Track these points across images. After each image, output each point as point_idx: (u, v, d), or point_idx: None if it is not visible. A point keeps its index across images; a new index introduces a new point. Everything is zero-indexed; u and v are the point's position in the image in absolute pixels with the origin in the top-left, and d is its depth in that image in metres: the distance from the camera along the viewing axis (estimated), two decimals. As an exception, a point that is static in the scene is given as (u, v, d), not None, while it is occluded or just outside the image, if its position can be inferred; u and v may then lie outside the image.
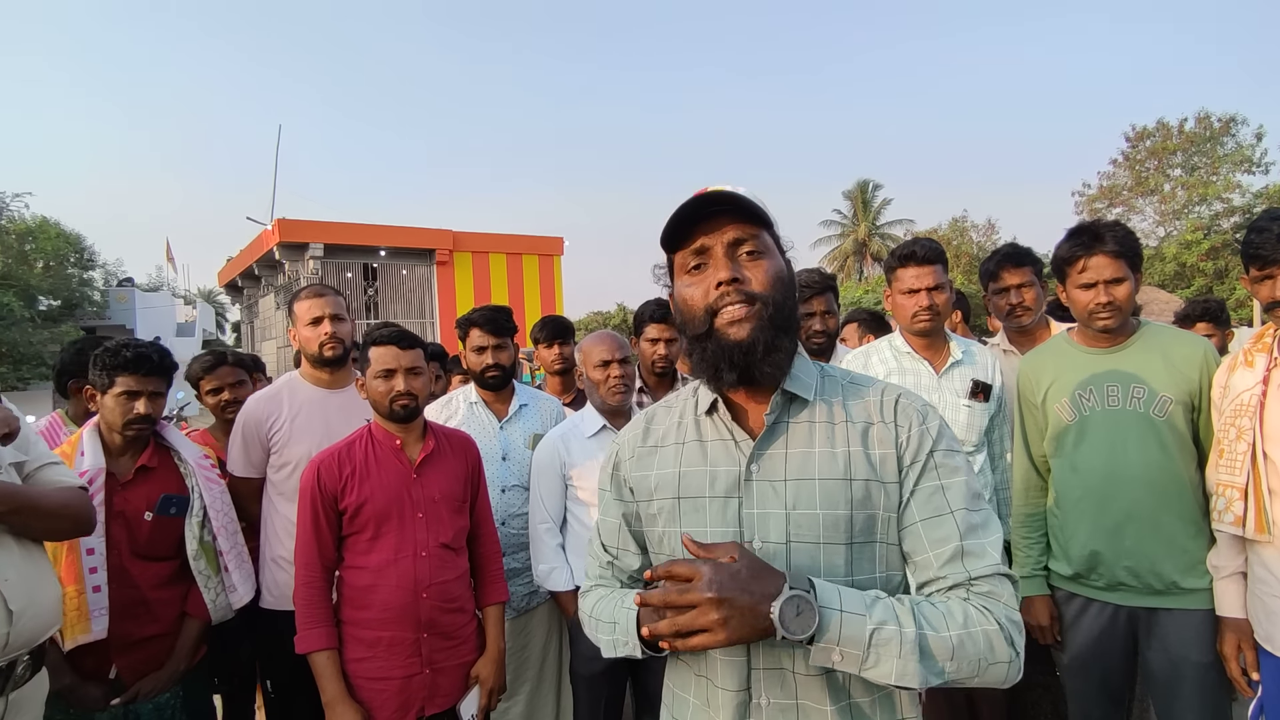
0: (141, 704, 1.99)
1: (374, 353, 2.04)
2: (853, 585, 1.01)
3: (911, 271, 2.32)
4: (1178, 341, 2.00)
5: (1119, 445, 1.95)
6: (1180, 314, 3.83)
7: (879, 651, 0.89)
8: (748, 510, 1.06)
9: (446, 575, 2.03)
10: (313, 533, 1.96)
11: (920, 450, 1.05)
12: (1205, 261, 20.33)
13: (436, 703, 1.99)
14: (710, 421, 1.14)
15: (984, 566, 1.00)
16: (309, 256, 21.45)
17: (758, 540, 1.04)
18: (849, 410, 1.09)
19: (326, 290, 2.55)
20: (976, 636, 0.94)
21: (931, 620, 0.94)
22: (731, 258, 1.05)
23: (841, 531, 1.02)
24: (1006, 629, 0.96)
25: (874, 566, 1.05)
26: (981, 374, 2.31)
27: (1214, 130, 22.37)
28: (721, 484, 1.08)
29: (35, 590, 1.58)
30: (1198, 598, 1.87)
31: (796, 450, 1.07)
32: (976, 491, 1.05)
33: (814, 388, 1.11)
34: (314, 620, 1.93)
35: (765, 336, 1.03)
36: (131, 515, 2.01)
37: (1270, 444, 1.71)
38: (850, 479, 1.04)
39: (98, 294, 26.87)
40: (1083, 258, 1.98)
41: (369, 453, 2.04)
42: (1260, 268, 1.73)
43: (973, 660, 0.93)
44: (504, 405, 2.74)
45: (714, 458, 1.11)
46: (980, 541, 1.02)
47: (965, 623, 0.95)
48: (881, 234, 37.49)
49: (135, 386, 2.02)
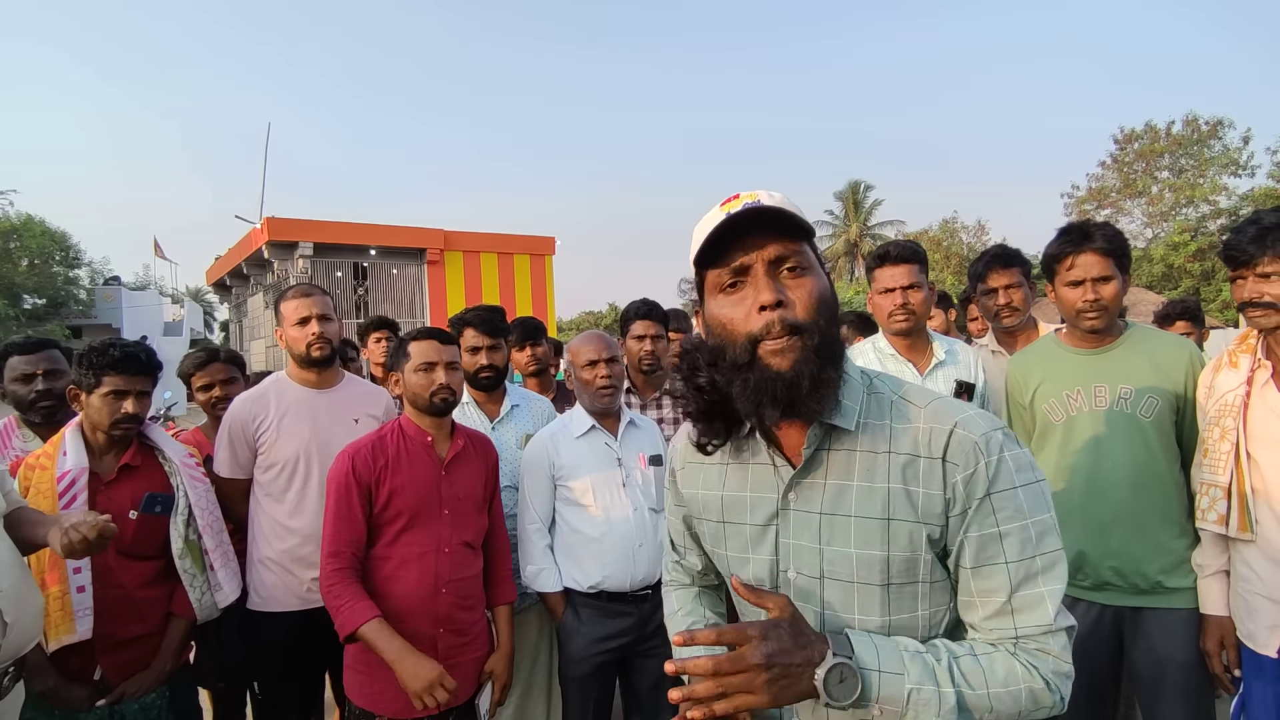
0: (127, 704, 1.97)
1: (414, 347, 2.10)
2: (890, 626, 0.98)
3: (887, 271, 2.34)
4: (1164, 344, 2.02)
5: (1106, 446, 1.96)
6: (1159, 314, 3.89)
7: (917, 711, 0.88)
8: (784, 540, 1.04)
9: (466, 573, 2.07)
10: (346, 522, 1.96)
11: (974, 494, 0.95)
12: (1192, 263, 20.55)
13: (452, 697, 1.98)
14: (753, 442, 1.08)
15: (1033, 625, 0.94)
16: (298, 255, 21.33)
17: (793, 570, 1.03)
18: (894, 438, 0.99)
19: (314, 290, 2.54)
20: (1018, 694, 0.92)
21: (970, 678, 0.91)
22: (774, 277, 0.96)
23: (877, 573, 0.97)
24: (1053, 683, 0.93)
25: (915, 605, 0.99)
26: (965, 374, 2.32)
27: (1202, 133, 22.63)
28: (761, 512, 1.06)
29: (24, 601, 1.57)
30: (1182, 597, 1.89)
31: (834, 482, 1.01)
32: (1043, 531, 0.95)
33: (857, 413, 1.01)
34: (352, 597, 1.92)
35: (811, 369, 0.94)
36: (116, 515, 1.97)
37: (1254, 444, 1.73)
38: (889, 518, 0.97)
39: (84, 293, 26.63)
40: (1071, 255, 2.00)
41: (400, 446, 2.07)
42: (1234, 268, 1.76)
43: (1011, 714, 0.92)
44: (496, 406, 2.74)
45: (755, 483, 1.08)
46: (1034, 592, 0.94)
47: (1006, 680, 0.92)
48: (873, 235, 37.65)
49: (123, 386, 2.00)
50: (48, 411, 2.41)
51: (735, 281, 0.98)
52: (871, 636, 0.93)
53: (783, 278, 0.97)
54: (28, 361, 2.42)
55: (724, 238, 0.97)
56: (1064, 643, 0.95)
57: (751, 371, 0.96)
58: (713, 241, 0.97)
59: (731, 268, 0.97)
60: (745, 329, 0.96)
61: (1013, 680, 0.92)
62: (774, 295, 0.94)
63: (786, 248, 0.96)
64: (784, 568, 1.04)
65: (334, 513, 1.98)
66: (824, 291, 0.98)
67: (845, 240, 38.00)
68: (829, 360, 0.96)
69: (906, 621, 0.98)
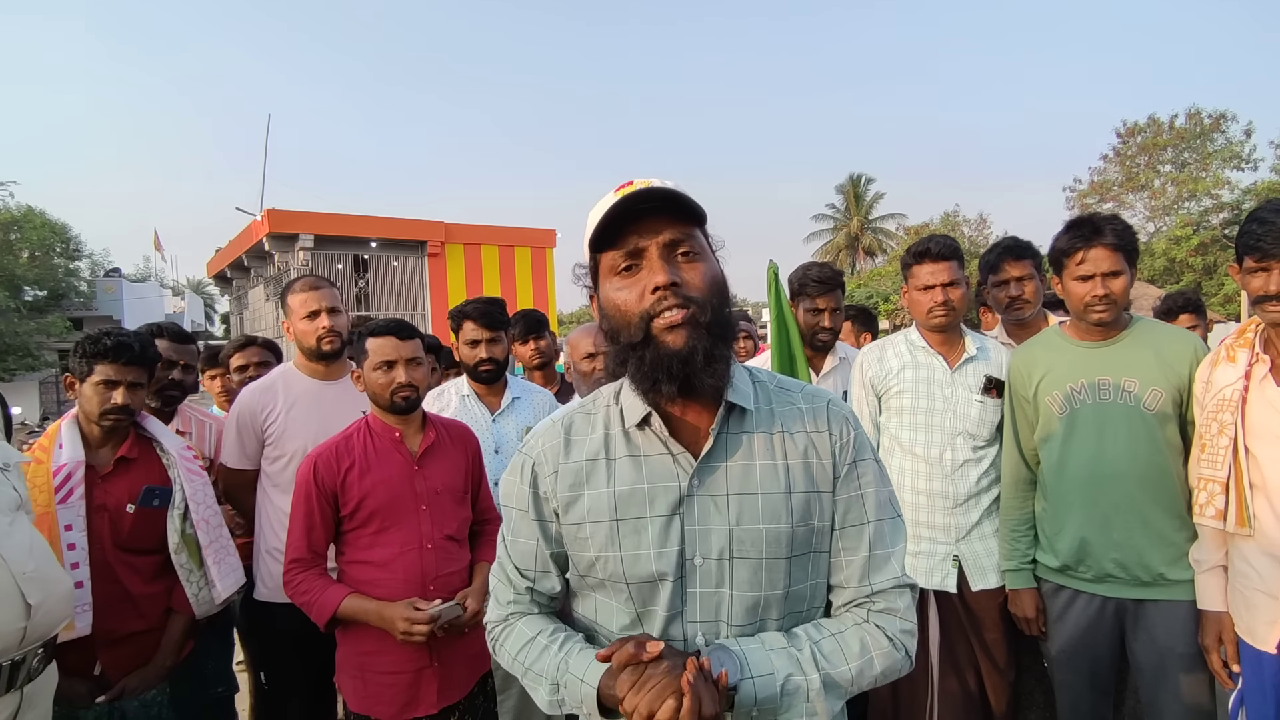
0: (127, 701, 1.95)
1: (372, 344, 2.01)
2: (789, 596, 1.05)
3: (927, 268, 2.32)
4: (1169, 337, 2.01)
5: (1109, 439, 1.96)
6: (1161, 308, 3.86)
7: (789, 700, 0.96)
8: (690, 527, 1.03)
9: (452, 567, 2.03)
10: (305, 528, 1.94)
11: (845, 459, 1.07)
12: (1195, 257, 20.48)
13: (447, 695, 1.98)
14: (643, 435, 1.07)
15: (885, 579, 1.06)
16: (299, 247, 21.25)
17: (699, 556, 1.03)
18: (783, 419, 1.08)
19: (322, 282, 2.53)
20: (873, 661, 1.02)
21: (831, 658, 1.00)
22: (668, 260, 0.99)
23: (783, 546, 1.03)
24: (899, 641, 1.04)
25: (808, 574, 1.07)
26: (995, 370, 2.31)
27: (1204, 126, 22.48)
28: (662, 503, 1.03)
29: (50, 583, 1.57)
30: (1184, 589, 1.90)
31: (737, 463, 1.04)
32: (888, 499, 1.09)
33: (752, 396, 1.08)
34: (320, 586, 1.92)
35: (704, 345, 0.97)
36: (113, 508, 1.97)
37: (1252, 438, 1.72)
38: (791, 492, 1.04)
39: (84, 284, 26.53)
40: (1082, 250, 1.99)
41: (368, 446, 2.01)
42: (1258, 260, 1.71)
43: (870, 680, 1.02)
44: (496, 398, 2.73)
45: (651, 474, 1.05)
46: (885, 552, 1.06)
47: (861, 650, 1.02)
48: (874, 228, 37.55)
49: (113, 376, 1.97)
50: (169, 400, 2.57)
51: (630, 265, 1.01)
52: (740, 643, 0.99)
53: (676, 261, 1.00)
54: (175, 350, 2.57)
55: (619, 222, 0.99)
56: (908, 600, 1.07)
57: (647, 349, 0.99)
58: (607, 224, 0.99)
59: (626, 251, 1.00)
60: (639, 308, 0.99)
61: (866, 648, 1.02)
62: (667, 277, 0.97)
63: (680, 231, 1.00)
64: (690, 555, 1.03)
65: (295, 518, 1.96)
66: (716, 275, 1.03)
67: (846, 234, 37.90)
68: (720, 338, 1.00)
69: (800, 591, 1.06)
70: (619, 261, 1.01)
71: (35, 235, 22.67)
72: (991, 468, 2.28)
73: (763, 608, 1.03)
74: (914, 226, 29.92)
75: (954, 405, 2.28)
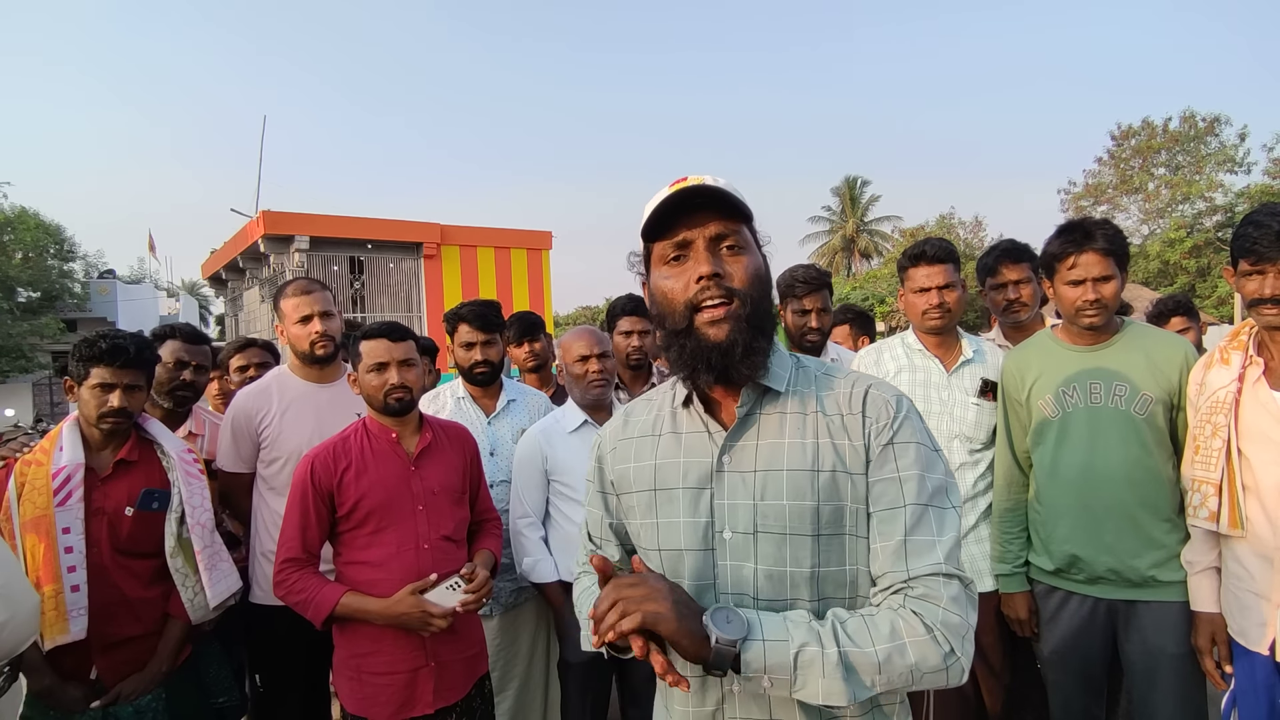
0: (122, 706, 1.94)
1: (365, 347, 2.03)
2: (819, 576, 1.03)
3: (923, 270, 2.34)
4: (1160, 341, 2.03)
5: (1100, 442, 1.97)
6: (1153, 311, 3.87)
7: (804, 673, 0.91)
8: (719, 501, 1.07)
9: (449, 567, 2.02)
10: (299, 527, 1.94)
11: (880, 440, 1.04)
12: (1188, 260, 20.60)
13: (444, 696, 1.98)
14: (686, 413, 1.15)
15: (925, 566, 0.98)
16: (294, 249, 21.18)
17: (727, 530, 1.06)
18: (821, 402, 1.09)
19: (314, 286, 2.53)
20: (905, 649, 0.93)
21: (855, 637, 0.94)
22: (713, 252, 1.05)
23: (808, 523, 1.03)
24: (939, 633, 0.94)
25: (842, 559, 1.04)
26: (992, 373, 2.32)
27: (1198, 130, 22.64)
28: (694, 475, 1.09)
29: (19, 599, 1.55)
30: (1174, 590, 1.91)
31: (766, 441, 1.07)
32: (940, 489, 1.03)
33: (787, 379, 1.11)
34: (315, 585, 1.93)
35: (743, 338, 1.03)
36: (112, 511, 1.97)
37: (1245, 440, 1.74)
38: (818, 470, 1.04)
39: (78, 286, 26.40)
40: (1073, 254, 2.00)
41: (365, 447, 2.03)
42: (1253, 263, 1.72)
43: (903, 672, 0.93)
44: (492, 401, 2.73)
45: (688, 449, 1.12)
46: (927, 539, 0.99)
47: (892, 635, 0.94)
48: (870, 230, 37.63)
49: (110, 379, 1.96)
50: (181, 401, 2.58)
51: (678, 255, 1.07)
52: (758, 612, 0.97)
53: (722, 254, 1.06)
54: (188, 351, 2.56)
55: (670, 214, 1.06)
56: (956, 592, 0.97)
57: (688, 339, 1.05)
58: (659, 217, 1.06)
59: (675, 241, 1.07)
60: (684, 297, 1.05)
61: (898, 634, 0.94)
62: (711, 267, 1.03)
63: (726, 227, 1.06)
64: (719, 529, 1.07)
65: (290, 517, 1.96)
66: (759, 268, 1.08)
67: (842, 236, 37.97)
68: (760, 330, 1.05)
69: (834, 574, 1.04)
70: (668, 251, 1.08)
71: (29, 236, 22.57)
72: (988, 471, 2.29)
73: (791, 585, 1.03)
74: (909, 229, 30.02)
75: (950, 408, 2.30)
